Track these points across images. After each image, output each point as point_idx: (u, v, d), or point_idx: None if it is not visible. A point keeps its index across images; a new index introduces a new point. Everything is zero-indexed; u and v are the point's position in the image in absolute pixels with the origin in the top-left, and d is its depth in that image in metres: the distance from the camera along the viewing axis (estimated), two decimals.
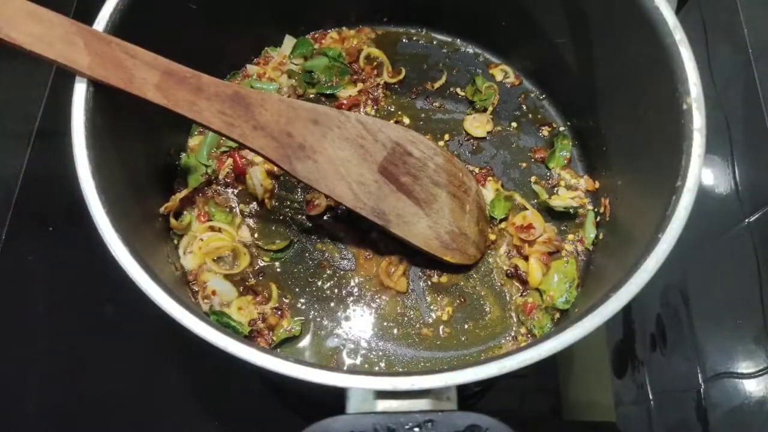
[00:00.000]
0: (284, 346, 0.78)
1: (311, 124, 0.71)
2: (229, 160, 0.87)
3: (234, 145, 0.86)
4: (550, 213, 0.86)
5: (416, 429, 0.48)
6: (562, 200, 0.86)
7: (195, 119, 0.66)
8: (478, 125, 0.92)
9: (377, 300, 0.81)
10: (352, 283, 0.82)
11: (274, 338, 0.78)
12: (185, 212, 0.84)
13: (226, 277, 0.81)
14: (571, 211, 0.85)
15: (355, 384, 0.51)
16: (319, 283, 0.82)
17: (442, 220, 0.79)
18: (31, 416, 0.85)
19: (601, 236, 0.83)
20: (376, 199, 0.75)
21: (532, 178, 0.89)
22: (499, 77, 0.96)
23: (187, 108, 0.65)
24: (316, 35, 0.98)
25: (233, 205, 0.85)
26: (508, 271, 0.83)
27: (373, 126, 0.75)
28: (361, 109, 0.93)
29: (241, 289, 0.80)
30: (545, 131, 0.93)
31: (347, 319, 0.80)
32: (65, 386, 0.87)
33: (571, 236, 0.85)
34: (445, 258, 0.79)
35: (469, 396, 0.85)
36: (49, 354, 0.88)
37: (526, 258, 0.83)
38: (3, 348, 0.88)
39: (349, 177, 0.73)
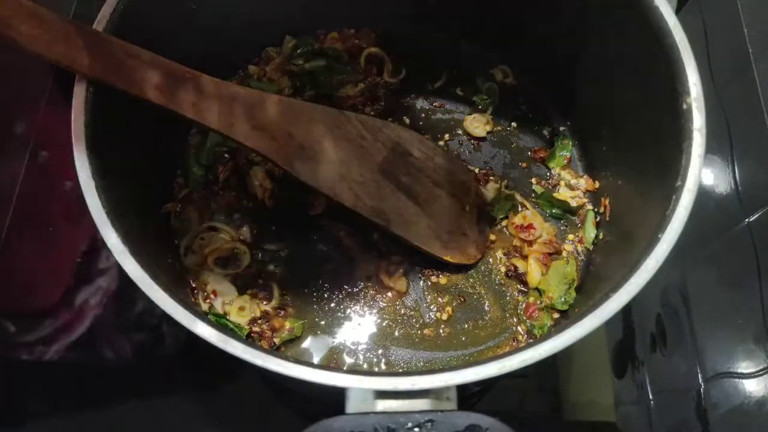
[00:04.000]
0: (285, 346, 0.78)
1: (311, 124, 0.71)
2: (230, 161, 0.87)
3: (234, 145, 0.86)
4: (550, 213, 0.86)
5: (416, 429, 0.48)
6: (562, 198, 0.87)
7: (195, 119, 0.66)
8: (478, 125, 0.92)
9: (377, 300, 0.81)
10: (352, 283, 0.82)
11: (276, 340, 0.77)
12: (185, 212, 0.84)
13: (227, 277, 0.81)
14: (572, 204, 0.85)
15: (355, 384, 0.51)
16: (319, 283, 0.82)
17: (442, 220, 0.79)
18: (32, 415, 0.85)
19: (601, 236, 0.83)
20: (376, 199, 0.74)
21: (533, 179, 0.89)
22: (499, 77, 0.96)
23: (187, 108, 0.65)
24: (316, 35, 0.98)
25: (233, 205, 0.85)
26: (508, 271, 0.83)
27: (373, 126, 0.75)
28: (361, 109, 0.93)
29: (242, 289, 0.80)
30: (545, 131, 0.93)
31: (347, 319, 0.80)
32: (65, 386, 0.87)
33: (571, 236, 0.85)
34: (445, 258, 0.79)
35: (469, 396, 0.85)
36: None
37: (525, 258, 0.83)
38: None
39: (349, 177, 0.73)
